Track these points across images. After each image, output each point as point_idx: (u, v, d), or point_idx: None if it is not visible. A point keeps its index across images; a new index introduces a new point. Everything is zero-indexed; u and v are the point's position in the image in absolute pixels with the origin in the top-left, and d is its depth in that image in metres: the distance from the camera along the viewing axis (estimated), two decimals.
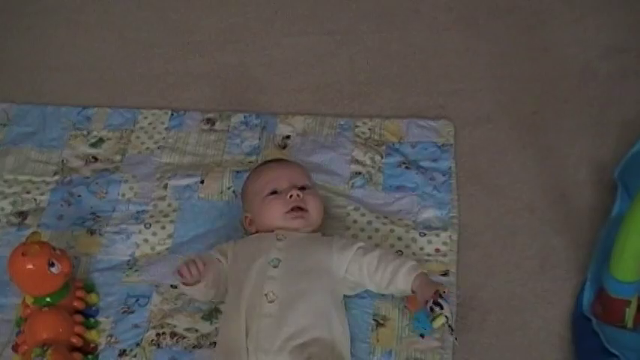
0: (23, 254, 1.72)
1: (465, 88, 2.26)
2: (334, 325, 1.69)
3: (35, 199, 2.06)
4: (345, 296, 1.80)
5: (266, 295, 1.69)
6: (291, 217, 1.81)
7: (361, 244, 1.80)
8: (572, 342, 1.77)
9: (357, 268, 1.76)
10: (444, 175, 2.04)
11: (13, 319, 1.83)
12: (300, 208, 1.81)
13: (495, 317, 1.82)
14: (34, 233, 1.79)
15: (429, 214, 1.97)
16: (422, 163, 2.07)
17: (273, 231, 1.81)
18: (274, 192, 1.84)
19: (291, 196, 1.82)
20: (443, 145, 2.11)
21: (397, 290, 1.76)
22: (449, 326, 1.68)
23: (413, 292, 1.73)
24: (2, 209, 2.05)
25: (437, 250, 1.91)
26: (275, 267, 1.73)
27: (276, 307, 1.67)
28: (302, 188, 1.85)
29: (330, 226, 1.90)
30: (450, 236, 1.93)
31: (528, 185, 2.04)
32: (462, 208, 1.99)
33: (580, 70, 2.28)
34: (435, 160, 2.08)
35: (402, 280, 1.73)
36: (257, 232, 1.85)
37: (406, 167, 2.06)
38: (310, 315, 1.67)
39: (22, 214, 2.04)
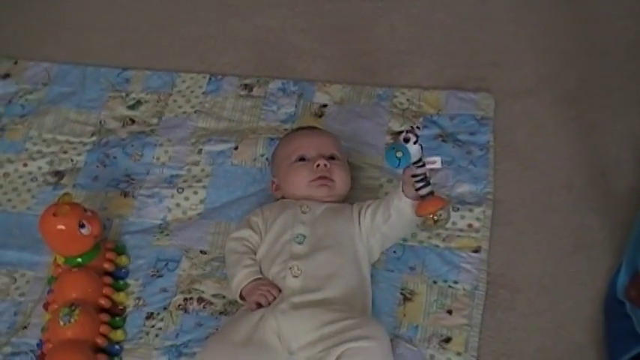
0: (54, 214, 1.74)
1: (507, 60, 2.21)
2: (358, 298, 1.69)
3: (72, 160, 2.08)
4: (373, 267, 1.79)
5: (290, 268, 1.69)
6: (316, 185, 1.80)
7: (370, 201, 1.78)
8: (603, 325, 1.74)
9: (368, 221, 1.75)
10: (481, 150, 2.00)
11: (46, 278, 1.86)
12: (325, 178, 1.80)
13: (525, 296, 1.80)
14: (65, 194, 1.80)
15: (463, 188, 1.94)
16: (459, 137, 2.03)
17: (298, 199, 1.80)
18: (302, 159, 1.83)
19: (318, 165, 1.81)
20: (482, 118, 2.07)
21: (398, 207, 1.71)
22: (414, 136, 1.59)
23: (403, 191, 1.69)
24: (40, 168, 2.07)
25: (469, 226, 1.88)
26: (300, 243, 1.73)
27: (301, 281, 1.67)
28: (331, 158, 1.84)
29: (361, 198, 1.88)
30: (484, 212, 1.90)
31: (567, 162, 2.00)
32: (498, 183, 1.96)
33: (628, 44, 2.21)
34: (472, 134, 2.04)
35: (393, 194, 1.71)
36: (283, 197, 1.85)
37: (443, 140, 2.02)
38: (334, 290, 1.67)
39: (59, 174, 2.06)
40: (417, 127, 1.63)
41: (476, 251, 1.84)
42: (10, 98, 2.22)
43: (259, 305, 1.67)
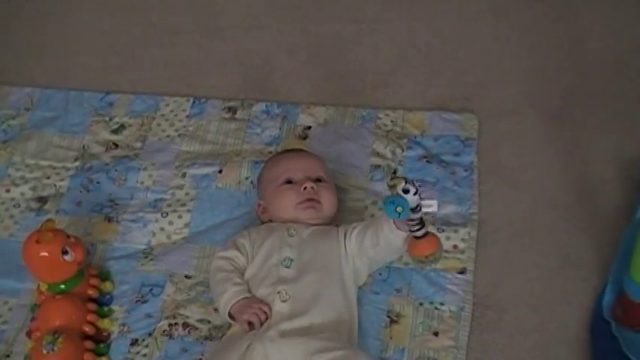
0: (37, 241, 1.73)
1: (491, 79, 2.22)
2: (344, 322, 1.68)
3: (55, 185, 2.07)
4: (359, 290, 1.78)
5: (279, 293, 1.68)
6: (303, 207, 1.80)
7: (356, 224, 1.78)
8: (589, 345, 1.73)
9: (354, 243, 1.75)
10: (465, 170, 2.00)
11: (29, 305, 1.84)
12: (312, 200, 1.80)
13: (512, 317, 1.79)
14: (48, 220, 1.79)
15: (448, 209, 1.94)
16: (444, 157, 2.03)
17: (285, 222, 1.80)
18: (289, 182, 1.83)
19: (305, 188, 1.80)
20: (466, 139, 2.07)
21: (388, 237, 1.69)
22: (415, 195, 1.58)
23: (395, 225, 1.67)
24: (22, 194, 2.06)
25: (455, 247, 1.87)
26: (287, 267, 1.72)
27: (289, 306, 1.66)
28: (317, 180, 1.83)
29: (347, 220, 1.87)
30: (469, 233, 1.89)
31: (552, 181, 2.00)
32: (483, 203, 1.95)
33: (611, 63, 2.22)
34: (457, 155, 2.04)
35: (383, 222, 1.69)
36: (270, 220, 1.84)
37: (427, 161, 2.02)
38: (322, 314, 1.65)
39: (42, 200, 2.04)
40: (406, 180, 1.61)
41: (462, 272, 1.83)
42: None
43: (251, 325, 1.65)
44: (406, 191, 1.56)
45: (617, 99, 2.14)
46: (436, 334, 1.75)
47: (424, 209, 1.61)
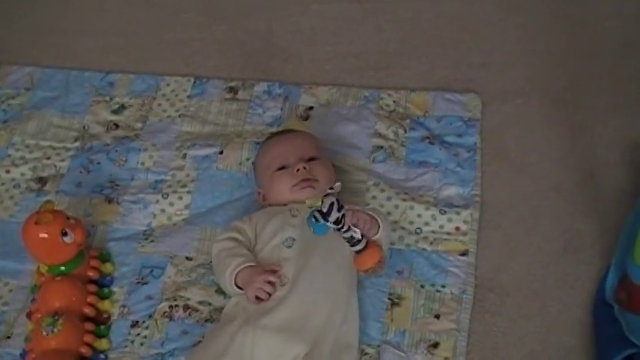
0: (36, 223, 1.72)
1: (495, 61, 2.19)
2: (342, 304, 1.67)
3: (55, 165, 2.05)
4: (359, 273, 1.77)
5: (279, 276, 1.67)
6: (299, 188, 1.78)
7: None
8: (592, 328, 1.72)
9: None
10: (468, 152, 1.99)
11: (29, 286, 1.84)
12: (307, 180, 1.78)
13: (514, 300, 1.78)
14: (47, 202, 1.78)
15: (450, 191, 1.93)
16: (446, 138, 2.02)
17: (286, 204, 1.78)
18: (282, 167, 1.81)
19: (297, 170, 1.79)
20: (469, 119, 2.05)
21: None
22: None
23: None
24: (22, 174, 2.05)
25: (457, 229, 1.86)
26: (289, 247, 1.70)
27: (287, 289, 1.65)
28: (311, 159, 1.81)
29: (348, 202, 1.83)
30: (472, 215, 1.88)
31: (556, 164, 1.98)
32: (486, 186, 1.94)
33: (617, 45, 2.19)
34: (460, 136, 2.02)
35: None
36: (271, 206, 1.83)
37: (430, 142, 2.00)
38: (319, 296, 1.64)
39: (42, 180, 2.03)
40: (331, 206, 1.58)
41: (463, 254, 1.83)
42: None
43: (258, 299, 1.64)
44: (315, 219, 1.57)
45: (623, 82, 2.11)
46: (437, 316, 1.74)
47: (351, 233, 1.61)
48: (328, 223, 1.57)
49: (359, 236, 1.62)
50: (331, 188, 1.62)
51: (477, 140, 2.01)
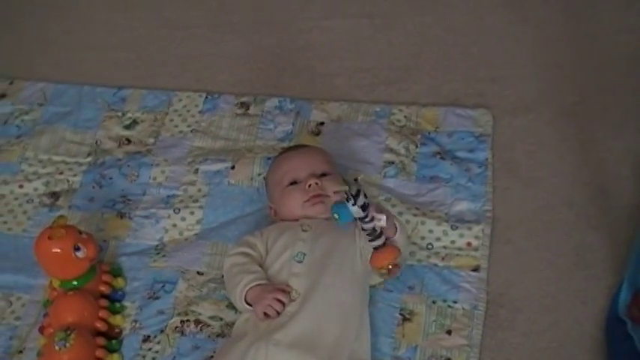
0: (49, 238, 1.73)
1: (505, 75, 2.20)
2: (355, 320, 1.67)
3: (68, 180, 2.07)
4: (371, 288, 1.77)
5: (289, 292, 1.66)
6: (310, 204, 1.79)
7: None
8: (604, 344, 1.72)
9: (364, 241, 1.71)
10: (479, 167, 1.99)
11: (41, 301, 1.85)
12: (319, 195, 1.78)
13: (526, 316, 1.78)
14: (60, 217, 1.79)
15: (462, 206, 1.93)
16: (457, 154, 2.02)
17: (297, 220, 1.79)
18: (294, 182, 1.81)
19: (309, 186, 1.79)
20: (480, 135, 2.05)
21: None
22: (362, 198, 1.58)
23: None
24: (35, 189, 2.06)
25: (468, 244, 1.86)
26: (299, 262, 1.70)
27: (298, 304, 1.64)
28: (323, 175, 1.82)
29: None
30: (483, 230, 1.88)
31: (567, 179, 1.98)
32: (497, 201, 1.94)
33: (628, 59, 2.20)
34: (471, 151, 2.02)
35: None
36: (282, 221, 1.83)
37: (441, 157, 2.01)
38: (331, 312, 1.64)
39: (55, 195, 2.04)
40: (357, 185, 1.60)
41: (475, 270, 1.82)
42: (6, 119, 2.21)
43: (267, 316, 1.64)
44: (347, 200, 1.57)
45: (633, 96, 2.11)
46: (449, 332, 1.74)
47: (375, 222, 1.60)
48: (356, 206, 1.56)
49: (383, 223, 1.61)
50: (356, 180, 1.61)
51: (488, 155, 2.01)
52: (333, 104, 2.15)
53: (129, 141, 2.13)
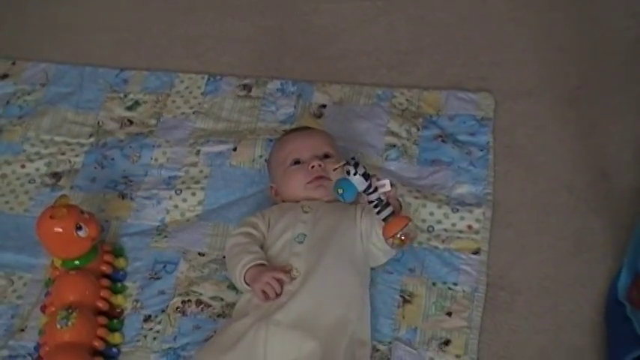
0: (51, 217, 1.73)
1: (507, 59, 2.20)
2: (356, 302, 1.68)
3: (70, 161, 2.07)
4: (372, 270, 1.78)
5: (289, 271, 1.67)
6: (312, 187, 1.79)
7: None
8: (603, 327, 1.73)
9: (365, 223, 1.73)
10: (481, 150, 1.99)
11: (43, 280, 1.85)
12: (321, 177, 1.79)
13: (525, 298, 1.78)
14: (62, 196, 1.80)
15: (463, 189, 1.93)
16: (459, 137, 2.02)
17: (298, 201, 1.79)
18: (297, 162, 1.82)
19: (312, 167, 1.80)
20: (482, 118, 2.06)
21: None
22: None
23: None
24: (37, 169, 2.06)
25: (469, 227, 1.87)
26: (300, 242, 1.71)
27: (299, 283, 1.65)
28: (325, 156, 1.82)
29: (360, 200, 1.86)
30: (484, 213, 1.89)
31: (568, 163, 1.98)
32: (498, 184, 1.95)
33: (630, 44, 2.20)
34: (472, 134, 2.03)
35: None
36: (283, 202, 1.84)
37: (442, 141, 2.01)
38: (332, 292, 1.65)
39: (56, 175, 2.05)
40: (354, 160, 1.60)
41: (475, 253, 1.83)
42: (8, 99, 2.21)
43: (265, 294, 1.64)
44: (348, 172, 1.57)
45: (635, 80, 2.11)
46: (449, 314, 1.75)
47: (380, 190, 1.61)
48: (357, 175, 1.57)
49: (388, 188, 1.60)
50: (353, 158, 1.61)
51: (490, 139, 2.02)
52: (335, 87, 2.15)
53: (131, 122, 2.14)
